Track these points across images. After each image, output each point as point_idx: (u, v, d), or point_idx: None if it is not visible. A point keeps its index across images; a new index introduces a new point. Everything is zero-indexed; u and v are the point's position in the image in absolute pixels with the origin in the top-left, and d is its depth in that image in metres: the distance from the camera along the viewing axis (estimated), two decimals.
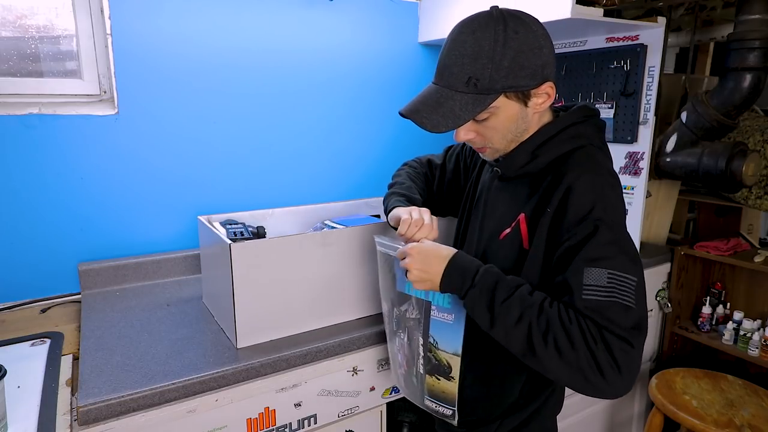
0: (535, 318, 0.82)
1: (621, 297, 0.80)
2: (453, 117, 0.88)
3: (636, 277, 0.82)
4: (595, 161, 0.91)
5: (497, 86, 0.86)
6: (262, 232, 1.43)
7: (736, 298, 2.08)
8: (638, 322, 0.80)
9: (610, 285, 0.80)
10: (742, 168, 1.71)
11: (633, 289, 0.81)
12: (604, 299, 0.79)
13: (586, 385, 0.79)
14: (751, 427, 1.55)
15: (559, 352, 0.79)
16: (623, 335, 0.78)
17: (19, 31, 1.45)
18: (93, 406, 0.94)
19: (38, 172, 1.43)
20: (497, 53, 0.85)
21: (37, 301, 1.46)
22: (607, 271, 0.81)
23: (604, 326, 0.78)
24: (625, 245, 0.84)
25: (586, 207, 0.84)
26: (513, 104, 0.89)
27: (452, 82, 0.89)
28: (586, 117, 0.96)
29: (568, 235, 0.85)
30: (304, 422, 1.21)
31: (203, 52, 1.61)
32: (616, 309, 0.79)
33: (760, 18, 1.60)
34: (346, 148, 1.96)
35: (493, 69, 0.85)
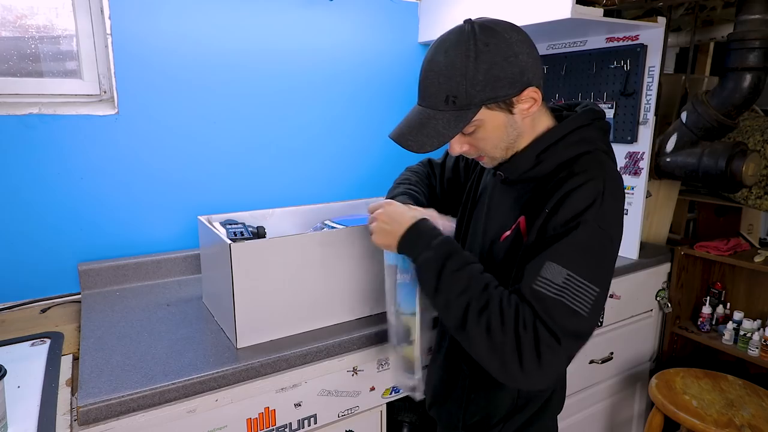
0: (476, 294, 0.84)
1: (571, 300, 0.79)
2: (437, 136, 0.89)
3: (598, 288, 0.81)
4: (603, 168, 0.90)
5: (475, 100, 0.86)
6: (262, 232, 1.43)
7: (736, 298, 2.08)
8: (579, 330, 0.80)
9: (565, 285, 0.80)
10: (742, 168, 1.71)
11: (589, 298, 0.80)
12: (552, 296, 0.79)
13: (502, 369, 0.80)
14: (751, 427, 1.55)
15: (489, 330, 0.80)
16: (556, 332, 0.78)
17: (19, 31, 1.45)
18: (93, 406, 0.94)
19: (38, 172, 1.43)
20: (470, 69, 0.85)
21: (37, 301, 1.46)
22: (567, 272, 0.80)
23: (540, 317, 0.79)
24: (600, 254, 0.83)
25: (578, 208, 0.84)
26: (497, 114, 0.89)
27: (432, 102, 0.90)
28: (593, 120, 0.95)
29: (553, 231, 0.84)
30: (304, 422, 1.21)
31: (203, 51, 1.61)
32: (561, 308, 0.79)
33: (760, 18, 1.60)
34: (346, 148, 1.96)
35: (468, 84, 0.85)
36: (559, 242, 0.82)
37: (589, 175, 0.87)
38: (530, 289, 0.81)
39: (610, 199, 0.86)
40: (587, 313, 0.80)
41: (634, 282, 1.87)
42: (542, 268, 0.81)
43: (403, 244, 0.97)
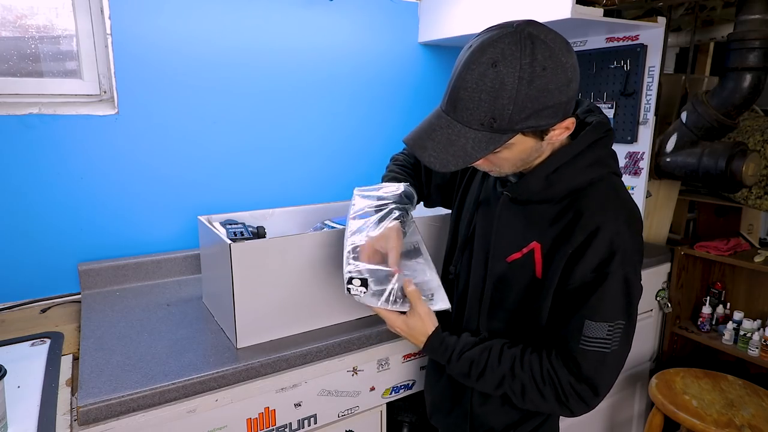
0: (509, 383, 0.92)
1: (612, 344, 0.87)
2: (464, 156, 0.81)
3: (624, 321, 0.87)
4: (619, 198, 0.90)
5: (516, 127, 0.79)
6: (262, 232, 1.43)
7: (736, 298, 2.08)
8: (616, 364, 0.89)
9: (608, 336, 0.86)
10: (742, 168, 1.71)
11: (619, 331, 0.87)
12: (600, 350, 0.86)
13: (563, 414, 0.94)
14: (751, 427, 1.55)
15: (536, 406, 0.92)
16: (596, 384, 0.87)
17: (19, 31, 1.45)
18: (93, 406, 0.94)
19: (38, 172, 1.43)
20: (521, 93, 0.76)
21: (37, 301, 1.46)
22: (607, 325, 0.86)
23: (583, 376, 0.87)
24: (630, 294, 0.88)
25: (604, 255, 0.85)
26: (529, 140, 0.84)
27: (467, 119, 0.80)
28: (605, 134, 0.92)
29: (581, 279, 0.87)
30: (304, 422, 1.21)
31: (203, 51, 1.61)
32: (603, 358, 0.86)
33: (760, 18, 1.60)
34: (346, 148, 1.96)
35: (515, 110, 0.77)
36: (593, 296, 0.86)
37: (609, 214, 0.87)
38: (579, 350, 0.87)
39: (632, 238, 0.87)
40: (619, 344, 0.87)
41: None
42: (584, 327, 0.86)
43: (426, 353, 1.02)
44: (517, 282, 0.96)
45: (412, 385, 1.38)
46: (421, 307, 0.97)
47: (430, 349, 0.99)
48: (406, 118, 2.07)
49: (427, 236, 1.38)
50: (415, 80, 2.05)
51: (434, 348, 0.99)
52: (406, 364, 1.36)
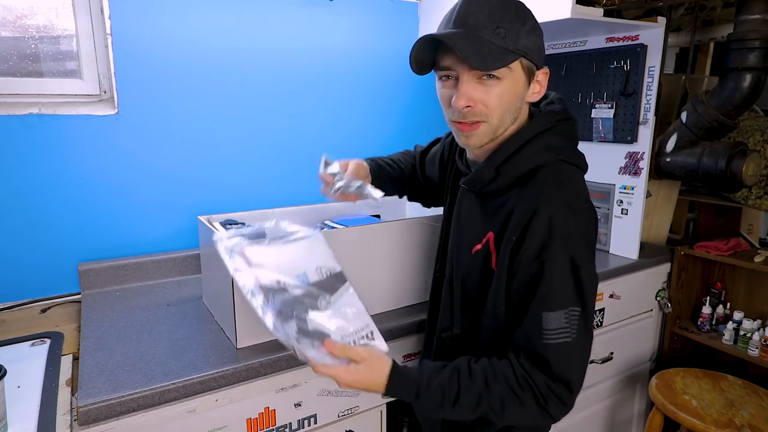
0: (486, 402, 0.85)
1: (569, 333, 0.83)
2: (481, 59, 0.81)
3: (578, 308, 0.83)
4: (558, 182, 0.88)
5: (520, 45, 0.83)
6: None
7: (736, 298, 2.08)
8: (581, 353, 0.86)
9: (567, 324, 0.83)
10: (742, 168, 1.71)
11: (574, 320, 0.83)
12: (566, 340, 0.83)
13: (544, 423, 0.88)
14: (751, 427, 1.55)
15: (516, 418, 0.87)
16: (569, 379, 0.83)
17: (19, 31, 1.45)
18: (93, 406, 0.94)
19: (38, 172, 1.43)
20: (521, 14, 0.84)
21: (37, 301, 1.46)
22: (563, 311, 0.83)
23: (554, 375, 0.83)
24: (575, 279, 0.83)
25: (542, 241, 0.83)
26: (521, 78, 0.86)
27: (479, 26, 0.82)
28: (553, 124, 0.91)
29: (527, 265, 0.85)
30: (304, 422, 1.21)
31: (203, 52, 1.61)
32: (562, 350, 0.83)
33: (760, 18, 1.60)
34: (346, 148, 1.96)
35: (520, 25, 0.83)
36: (541, 285, 0.83)
37: (547, 197, 0.85)
38: (543, 346, 0.83)
39: (574, 221, 0.84)
40: (576, 333, 0.83)
41: (634, 282, 1.87)
42: (542, 320, 0.83)
43: (390, 395, 0.89)
44: (478, 273, 0.95)
45: None
46: (362, 352, 0.86)
47: (393, 388, 0.87)
48: (406, 118, 2.07)
49: (424, 236, 1.38)
50: (415, 80, 2.05)
51: (397, 386, 0.87)
52: (406, 364, 1.35)
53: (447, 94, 0.89)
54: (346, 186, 1.09)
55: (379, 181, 1.24)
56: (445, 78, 0.89)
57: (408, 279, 1.39)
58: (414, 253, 1.38)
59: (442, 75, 0.89)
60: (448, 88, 0.89)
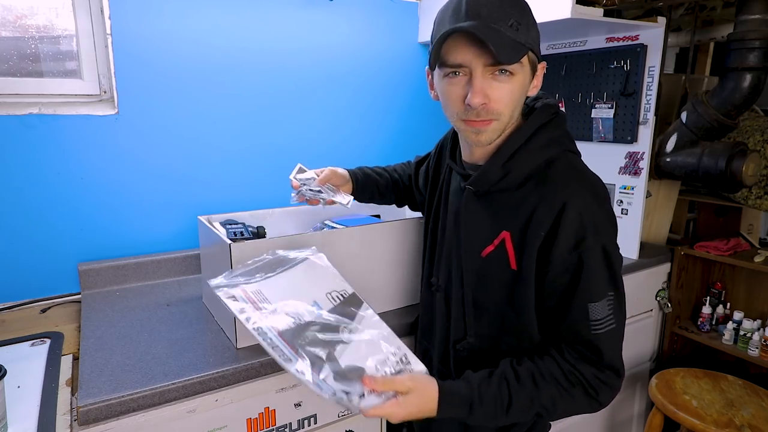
0: (540, 401, 0.86)
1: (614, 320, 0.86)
2: (504, 50, 0.78)
3: (613, 292, 0.86)
4: (579, 173, 0.89)
5: (530, 38, 0.83)
6: (262, 232, 1.43)
7: (736, 298, 2.08)
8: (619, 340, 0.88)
9: (610, 312, 0.85)
10: (742, 168, 1.71)
11: (613, 303, 0.86)
12: (612, 327, 0.85)
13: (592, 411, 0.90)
14: (751, 427, 1.55)
15: (568, 412, 0.89)
16: (615, 365, 0.86)
17: (19, 31, 1.45)
18: (93, 406, 0.94)
19: (38, 172, 1.43)
20: (526, 6, 0.85)
21: (37, 301, 1.46)
22: (606, 301, 0.85)
23: (604, 364, 0.85)
24: (613, 266, 0.86)
25: (577, 234, 0.84)
26: (528, 72, 0.87)
27: (493, 18, 0.79)
28: (553, 116, 0.92)
29: (562, 261, 0.85)
30: (304, 422, 1.21)
31: (203, 52, 1.61)
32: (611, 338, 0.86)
33: (760, 18, 1.60)
34: (346, 148, 1.96)
35: (528, 18, 0.84)
36: (582, 278, 0.84)
37: (571, 189, 0.85)
38: (595, 337, 0.85)
39: (601, 209, 0.86)
40: (616, 318, 0.86)
41: (634, 282, 1.87)
42: (589, 312, 0.85)
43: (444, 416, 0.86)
44: (494, 277, 0.92)
45: None
46: (406, 381, 0.82)
47: (446, 409, 0.84)
48: (406, 117, 2.07)
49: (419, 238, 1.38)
50: (415, 80, 2.05)
51: (450, 406, 0.84)
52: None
53: (457, 92, 0.85)
54: (309, 191, 1.18)
55: (364, 189, 1.29)
56: (452, 74, 0.85)
57: (408, 279, 1.39)
58: (414, 253, 1.38)
59: (450, 71, 0.84)
60: (457, 85, 0.84)
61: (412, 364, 0.86)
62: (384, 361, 0.82)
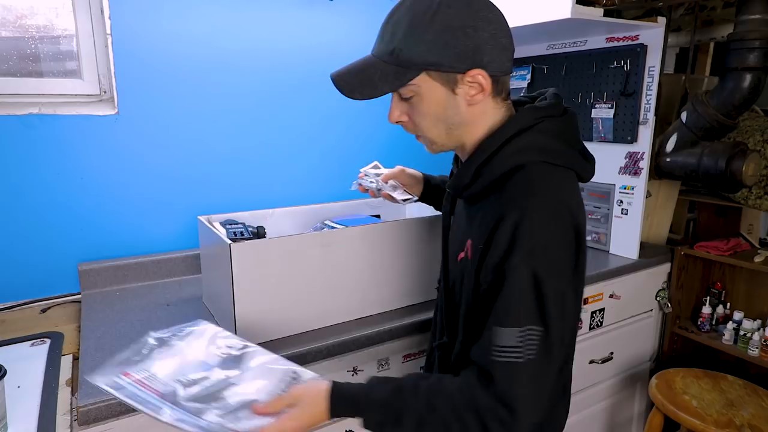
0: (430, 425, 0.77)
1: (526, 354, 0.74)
2: (370, 85, 0.82)
3: (541, 327, 0.74)
4: (532, 186, 0.79)
5: (418, 60, 0.79)
6: (262, 232, 1.43)
7: (736, 298, 2.08)
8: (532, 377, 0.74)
9: (520, 343, 0.74)
10: (742, 168, 1.71)
11: (534, 341, 0.74)
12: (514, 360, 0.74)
13: None
14: (751, 427, 1.55)
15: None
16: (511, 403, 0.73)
17: (19, 31, 1.45)
18: (93, 406, 0.94)
19: (38, 172, 1.43)
20: (422, 24, 0.78)
21: (37, 301, 1.46)
22: (517, 330, 0.74)
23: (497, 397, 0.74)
24: (536, 295, 0.74)
25: (502, 251, 0.76)
26: (437, 87, 0.81)
27: (380, 50, 0.84)
28: (536, 121, 0.84)
29: (486, 277, 0.79)
30: None
31: (203, 52, 1.61)
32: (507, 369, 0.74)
33: (760, 18, 1.60)
34: (346, 148, 1.96)
35: (415, 41, 0.79)
36: (498, 297, 0.76)
37: (517, 203, 0.77)
38: (491, 362, 0.75)
39: (543, 230, 0.76)
40: (535, 355, 0.74)
41: (634, 282, 1.87)
42: (493, 335, 0.75)
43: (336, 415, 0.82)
44: (464, 282, 0.89)
45: None
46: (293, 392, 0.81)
47: (336, 408, 0.80)
48: None
49: (424, 236, 1.38)
50: None
51: (339, 404, 0.80)
52: (406, 364, 1.35)
53: None
54: (369, 181, 1.25)
55: (436, 192, 1.30)
56: None
57: (408, 279, 1.39)
58: (414, 254, 1.38)
59: None
60: None
61: (301, 377, 0.84)
62: (274, 386, 0.81)
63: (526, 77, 2.06)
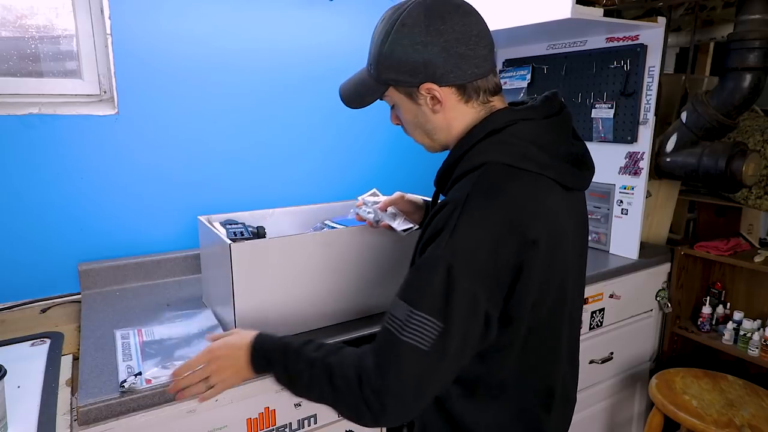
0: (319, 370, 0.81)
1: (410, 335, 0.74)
2: (359, 96, 0.92)
3: (442, 324, 0.73)
4: (478, 187, 0.77)
5: (383, 77, 0.87)
6: (262, 232, 1.43)
7: (736, 298, 2.08)
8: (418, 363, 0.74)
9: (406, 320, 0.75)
10: (742, 168, 1.71)
11: (431, 332, 0.73)
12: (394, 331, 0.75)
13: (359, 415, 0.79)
14: (751, 427, 1.55)
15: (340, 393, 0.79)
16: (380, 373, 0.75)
17: (19, 31, 1.45)
18: (93, 406, 0.94)
19: (38, 172, 1.43)
20: (383, 43, 0.84)
21: (37, 301, 1.46)
22: (408, 307, 0.75)
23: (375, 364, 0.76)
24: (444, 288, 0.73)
25: (434, 230, 0.77)
26: (404, 99, 0.88)
27: (367, 64, 0.92)
28: (509, 123, 0.82)
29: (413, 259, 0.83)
30: (304, 422, 1.21)
31: (203, 52, 1.61)
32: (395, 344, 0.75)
33: (760, 18, 1.60)
34: (346, 148, 1.96)
35: (380, 60, 0.86)
36: (407, 275, 0.79)
37: (454, 197, 0.78)
38: (381, 328, 0.78)
39: (465, 227, 0.74)
40: (428, 347, 0.73)
41: (634, 282, 1.87)
42: (391, 305, 0.78)
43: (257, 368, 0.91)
44: None
45: None
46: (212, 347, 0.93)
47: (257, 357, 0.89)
48: None
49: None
50: None
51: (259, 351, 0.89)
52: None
53: None
54: (366, 211, 1.22)
55: None
56: None
57: None
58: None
59: None
60: None
61: None
62: None
63: (526, 77, 2.06)
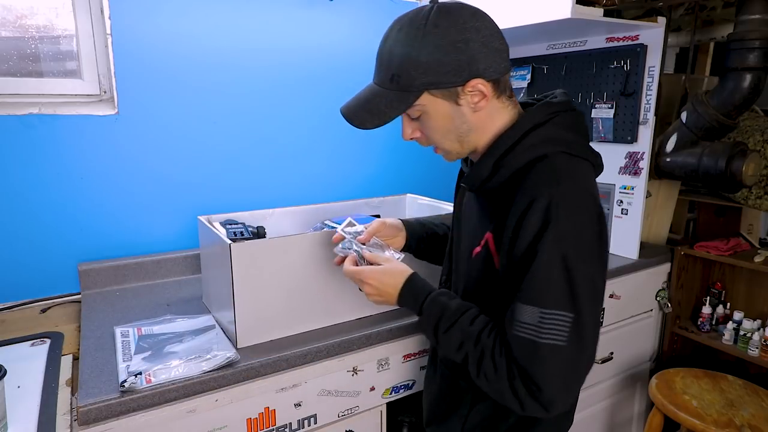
0: (471, 348, 0.85)
1: (548, 336, 0.77)
2: (378, 114, 0.88)
3: (572, 314, 0.77)
4: (558, 175, 0.82)
5: (417, 83, 0.84)
6: (262, 232, 1.43)
7: (736, 298, 2.08)
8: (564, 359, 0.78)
9: (540, 323, 0.77)
10: (742, 168, 1.71)
11: (564, 326, 0.77)
12: (531, 337, 0.78)
13: (513, 407, 0.82)
14: (751, 427, 1.55)
15: (488, 380, 0.83)
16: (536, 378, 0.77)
17: (19, 31, 1.45)
18: (93, 406, 0.94)
19: (38, 172, 1.43)
20: (415, 49, 0.82)
21: (37, 301, 1.46)
22: (538, 310, 0.77)
23: (523, 366, 0.78)
24: (564, 279, 0.77)
25: (531, 235, 0.79)
26: (441, 103, 0.86)
27: (380, 79, 0.88)
28: (550, 116, 0.88)
29: (516, 261, 0.81)
30: (304, 422, 1.21)
31: (203, 52, 1.61)
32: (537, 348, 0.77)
33: (760, 18, 1.60)
34: (346, 148, 1.96)
35: (411, 65, 0.83)
36: (525, 275, 0.79)
37: (538, 190, 0.80)
38: (513, 336, 0.80)
39: (565, 215, 0.78)
40: (566, 341, 0.77)
41: (634, 282, 1.87)
42: (516, 312, 0.80)
43: (402, 305, 0.98)
44: (481, 277, 0.92)
45: (412, 385, 1.38)
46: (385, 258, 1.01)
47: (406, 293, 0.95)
48: None
49: None
50: None
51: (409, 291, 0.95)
52: (406, 364, 1.36)
53: None
54: (347, 250, 1.09)
55: (420, 238, 1.20)
56: None
57: None
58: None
59: None
60: None
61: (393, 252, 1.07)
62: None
63: (526, 77, 2.06)
